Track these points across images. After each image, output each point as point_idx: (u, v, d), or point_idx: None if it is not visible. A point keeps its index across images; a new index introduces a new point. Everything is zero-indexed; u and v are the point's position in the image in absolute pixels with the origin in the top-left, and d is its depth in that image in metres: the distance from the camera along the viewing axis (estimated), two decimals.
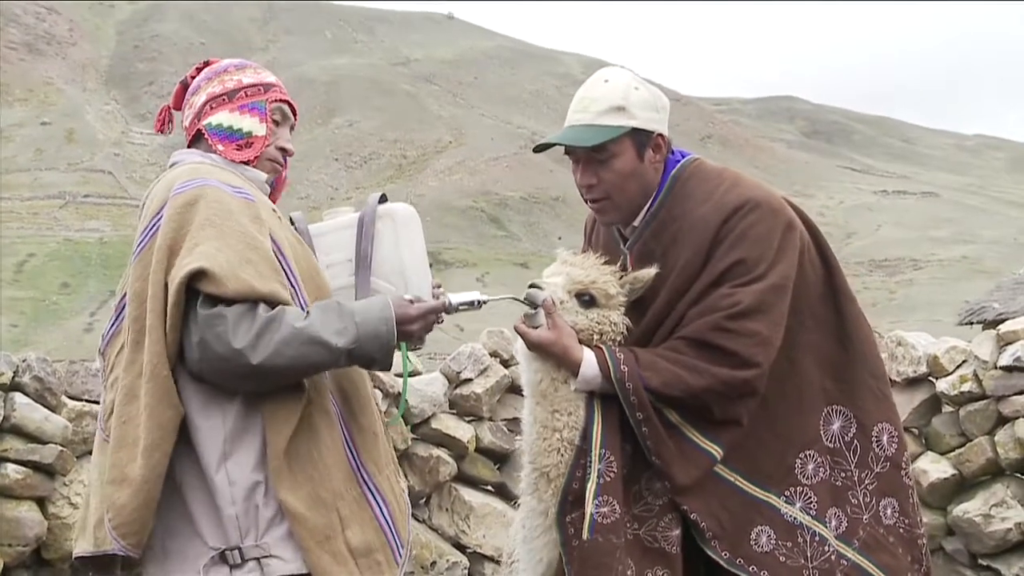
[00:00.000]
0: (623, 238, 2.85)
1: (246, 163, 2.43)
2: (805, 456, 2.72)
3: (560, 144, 2.78)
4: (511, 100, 66.06)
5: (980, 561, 5.44)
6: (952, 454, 5.58)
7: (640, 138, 2.72)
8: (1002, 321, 6.08)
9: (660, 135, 2.73)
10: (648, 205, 2.77)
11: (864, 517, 2.73)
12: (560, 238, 45.54)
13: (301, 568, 2.18)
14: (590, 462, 2.63)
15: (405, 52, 73.04)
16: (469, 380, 5.60)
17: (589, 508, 2.59)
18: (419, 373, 5.81)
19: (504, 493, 5.72)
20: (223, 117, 2.48)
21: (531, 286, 2.65)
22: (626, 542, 2.64)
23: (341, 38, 72.84)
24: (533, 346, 2.64)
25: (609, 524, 2.60)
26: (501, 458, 5.74)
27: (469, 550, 5.54)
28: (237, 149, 2.44)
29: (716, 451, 2.63)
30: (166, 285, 2.15)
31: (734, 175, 2.83)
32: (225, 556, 2.17)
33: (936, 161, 72.21)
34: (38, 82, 66.52)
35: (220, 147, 2.43)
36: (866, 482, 2.75)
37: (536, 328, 2.64)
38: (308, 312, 2.19)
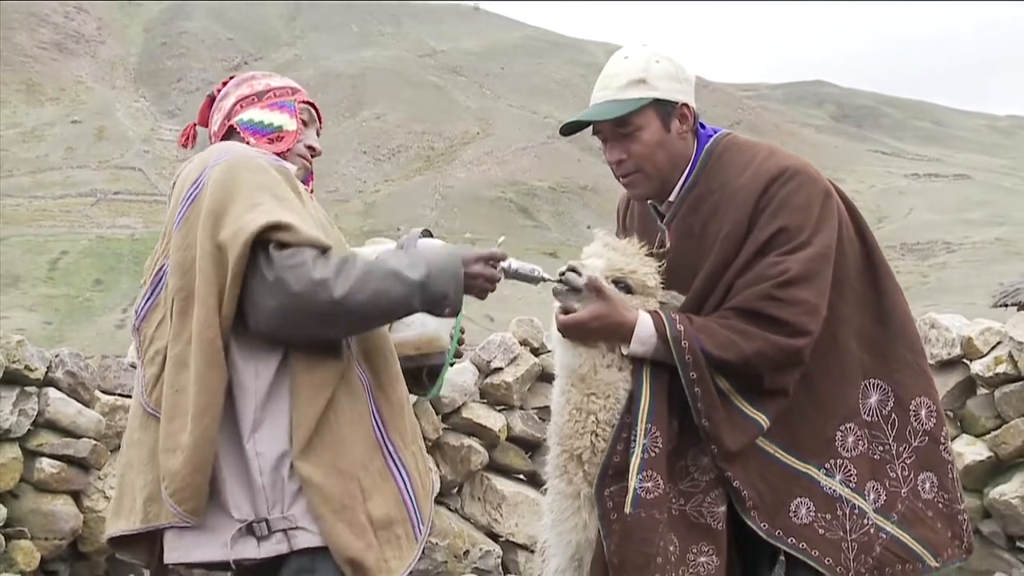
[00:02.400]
0: (659, 215, 2.85)
1: (278, 156, 2.44)
2: (845, 429, 2.70)
3: (584, 120, 2.79)
4: (538, 90, 65.96)
5: (1018, 544, 5.39)
6: (988, 436, 5.53)
7: (664, 109, 2.72)
8: None
9: (685, 105, 2.74)
10: (683, 180, 2.77)
11: (903, 491, 2.72)
12: (589, 227, 45.37)
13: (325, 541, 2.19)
14: (634, 436, 2.61)
15: (431, 44, 73.07)
16: (500, 369, 5.60)
17: (633, 483, 2.58)
18: (461, 356, 5.80)
19: (536, 481, 5.72)
20: (254, 113, 2.51)
21: (569, 269, 2.62)
22: (670, 517, 2.63)
23: (367, 31, 72.96)
24: (582, 325, 2.62)
25: (652, 499, 2.59)
26: (532, 446, 5.75)
27: (502, 539, 5.55)
28: (269, 143, 2.48)
29: (763, 420, 2.63)
30: (218, 247, 2.16)
31: (769, 146, 2.83)
32: (252, 528, 2.18)
33: (968, 143, 71.46)
34: (69, 81, 67.09)
35: (252, 140, 2.47)
36: (904, 456, 2.74)
37: (566, 302, 2.62)
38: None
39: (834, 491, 2.69)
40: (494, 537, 5.54)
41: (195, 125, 2.65)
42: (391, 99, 60.33)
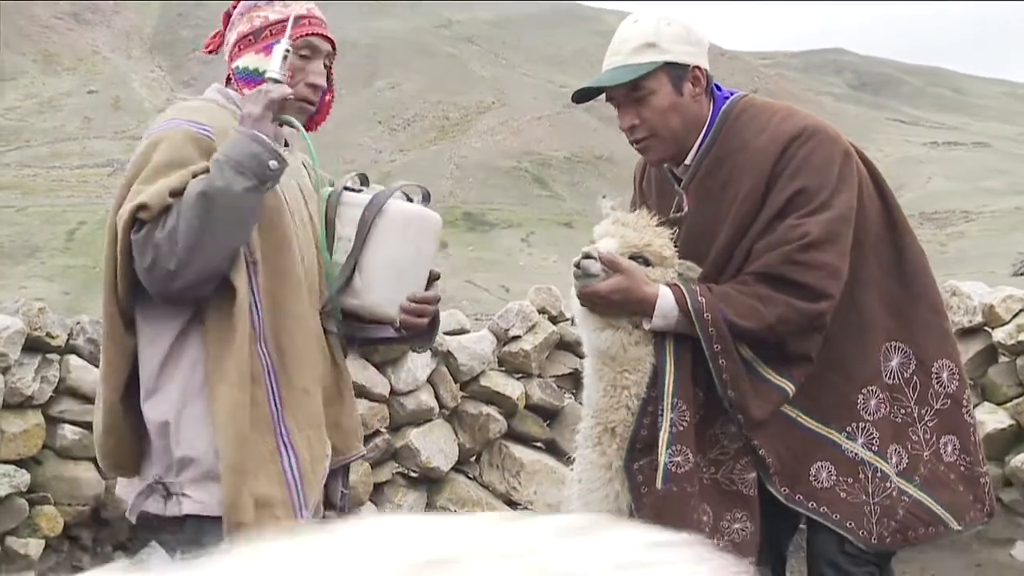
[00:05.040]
0: (676, 179, 2.84)
1: None
2: (867, 392, 2.69)
3: (595, 87, 2.78)
4: (553, 59, 65.59)
5: None
6: (1009, 404, 5.51)
7: (676, 72, 2.71)
8: None
9: (697, 67, 2.72)
10: (699, 142, 2.76)
11: (925, 454, 2.72)
12: (604, 196, 45.21)
13: (210, 510, 2.28)
14: (661, 411, 2.62)
15: (446, 14, 72.65)
16: (517, 337, 5.61)
17: (663, 458, 2.59)
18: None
19: (554, 449, 5.74)
20: (248, 60, 2.52)
21: (584, 256, 2.62)
22: (702, 487, 2.64)
23: (382, 1, 72.58)
24: (603, 298, 2.62)
25: (683, 473, 2.61)
26: (551, 414, 5.76)
27: (520, 506, 5.58)
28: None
29: (788, 387, 2.64)
30: (111, 227, 2.31)
31: (787, 106, 2.82)
32: (153, 487, 2.34)
33: (988, 111, 70.79)
34: (85, 51, 67.03)
35: (246, 91, 2.48)
36: (926, 419, 2.73)
37: (584, 284, 2.63)
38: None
39: (856, 455, 2.69)
40: (512, 505, 5.57)
41: (221, 33, 2.66)
42: (406, 69, 60.10)
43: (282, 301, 2.42)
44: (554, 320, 5.81)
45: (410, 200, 2.65)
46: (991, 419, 5.48)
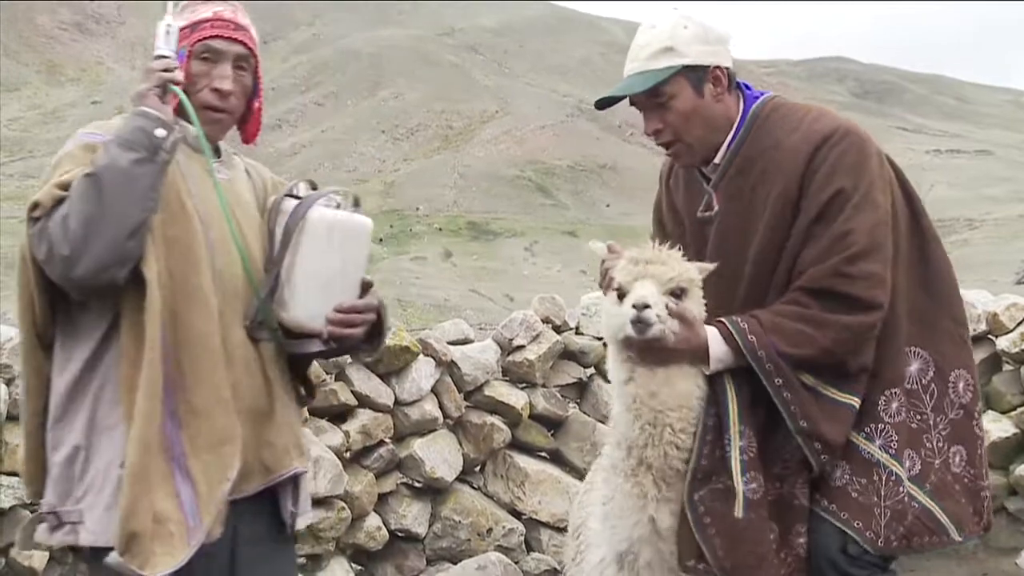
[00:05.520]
0: (705, 177, 2.82)
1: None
2: (889, 394, 2.68)
3: (615, 95, 2.77)
4: (556, 68, 65.64)
5: None
6: (1014, 413, 5.52)
7: (695, 74, 2.71)
8: None
9: (717, 67, 2.71)
10: (728, 141, 2.75)
11: (936, 462, 2.70)
12: (608, 205, 45.32)
13: (107, 541, 2.21)
14: (729, 440, 2.60)
15: (449, 22, 72.77)
16: (522, 347, 5.61)
17: (739, 487, 2.58)
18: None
19: (559, 459, 5.73)
20: None
21: (643, 307, 2.57)
22: (769, 503, 2.63)
23: (385, 10, 72.74)
24: (670, 354, 2.61)
25: (758, 500, 2.60)
26: (555, 424, 5.76)
27: (525, 516, 5.57)
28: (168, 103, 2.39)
29: (855, 402, 2.62)
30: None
31: (818, 107, 2.79)
32: (46, 517, 2.29)
33: (991, 119, 70.73)
34: (89, 61, 67.24)
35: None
36: (940, 427, 2.72)
37: (652, 336, 2.58)
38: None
39: (872, 456, 2.67)
40: (517, 515, 5.56)
41: None
42: (409, 78, 60.17)
43: (186, 318, 2.34)
44: (558, 329, 5.81)
45: (338, 206, 2.55)
46: (996, 428, 5.47)
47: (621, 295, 2.67)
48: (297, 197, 2.56)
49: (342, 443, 5.04)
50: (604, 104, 2.84)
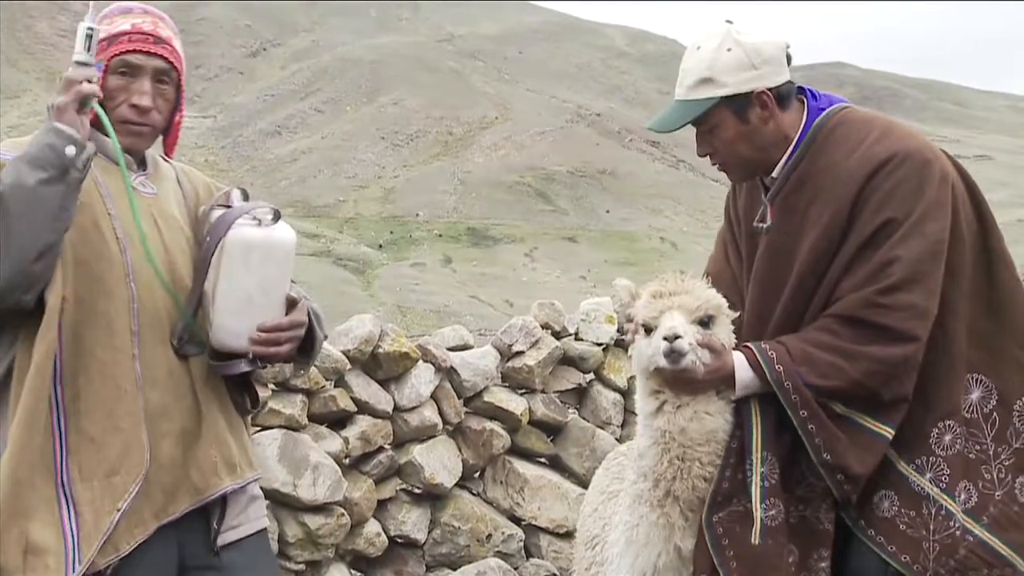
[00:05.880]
0: (765, 188, 2.79)
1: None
2: (943, 427, 2.61)
3: (655, 130, 2.76)
4: (556, 74, 65.69)
5: None
6: None
7: (737, 103, 2.66)
8: None
9: (763, 92, 2.66)
10: (787, 156, 2.70)
11: (997, 493, 2.62)
12: (608, 211, 45.30)
13: None
14: (750, 465, 2.60)
15: (449, 29, 72.85)
16: (521, 353, 5.62)
17: (758, 513, 2.58)
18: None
19: (558, 465, 5.73)
20: None
21: (672, 340, 2.60)
22: (790, 526, 2.61)
23: (385, 16, 72.82)
24: (702, 381, 2.63)
25: (776, 526, 2.59)
26: (554, 430, 5.76)
27: (524, 522, 5.57)
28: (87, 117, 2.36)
29: (888, 432, 2.57)
30: None
31: (885, 124, 2.69)
32: None
33: (990, 123, 70.77)
34: None
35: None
36: (1002, 457, 2.64)
37: (684, 366, 2.61)
38: None
39: (922, 488, 2.62)
40: (516, 521, 5.56)
41: None
42: (409, 84, 60.20)
43: (88, 344, 2.30)
44: (557, 335, 5.81)
45: (260, 223, 2.49)
46: None
47: (649, 330, 2.70)
48: (226, 206, 2.52)
49: (341, 449, 5.04)
50: (656, 129, 2.81)
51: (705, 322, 2.70)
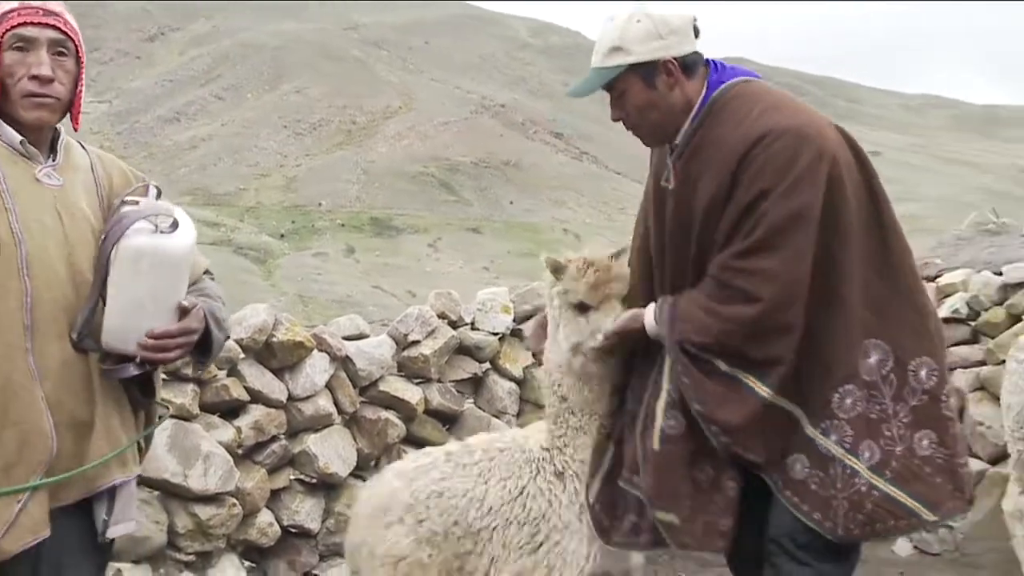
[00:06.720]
0: (671, 149, 2.97)
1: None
2: (843, 391, 2.77)
3: (573, 96, 3.02)
4: (460, 65, 65.60)
5: None
6: None
7: (644, 70, 2.84)
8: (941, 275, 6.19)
9: (669, 61, 2.83)
10: (690, 121, 2.87)
11: (898, 449, 2.78)
12: (511, 202, 45.45)
13: None
14: (662, 382, 2.90)
15: (354, 17, 72.17)
16: (417, 342, 5.62)
17: (659, 422, 2.86)
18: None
19: None
20: None
21: (609, 337, 3.11)
22: (708, 448, 2.83)
23: (288, 3, 71.82)
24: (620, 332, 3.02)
25: (676, 436, 2.84)
26: (450, 419, 5.78)
27: None
28: None
29: (763, 390, 2.74)
30: None
31: (774, 100, 2.86)
32: None
33: (882, 121, 72.84)
34: None
35: None
36: (901, 415, 2.79)
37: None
38: None
39: (828, 451, 2.78)
40: None
41: None
42: (312, 72, 59.52)
43: None
44: (453, 325, 5.83)
45: (156, 228, 2.48)
46: None
47: (585, 309, 3.12)
48: (133, 203, 2.51)
49: (233, 439, 4.99)
50: (577, 94, 3.02)
51: (581, 309, 3.10)
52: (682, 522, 2.90)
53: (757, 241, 2.72)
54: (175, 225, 2.48)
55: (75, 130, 2.58)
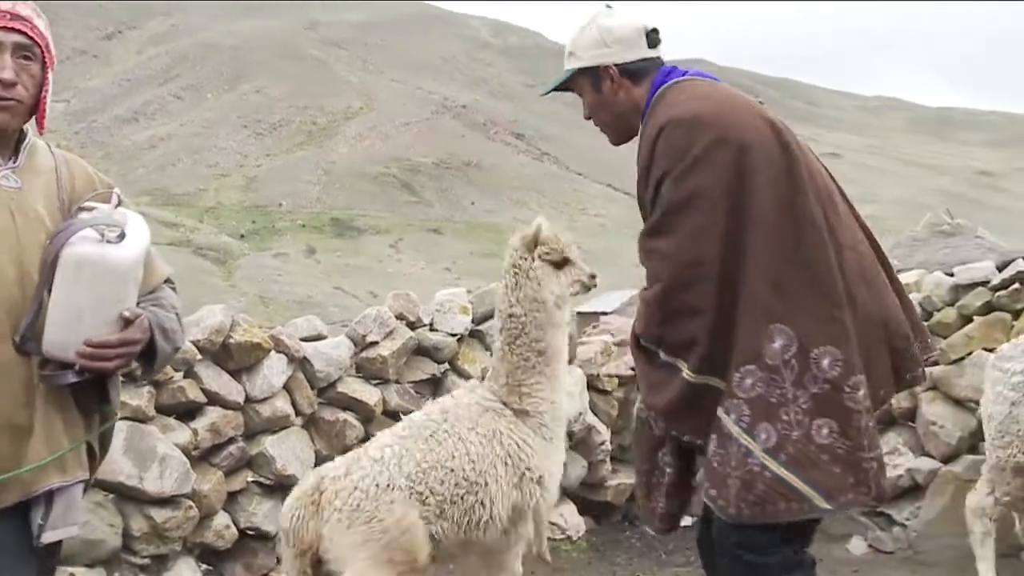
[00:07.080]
0: None
1: None
2: (744, 371, 2.83)
3: (544, 94, 3.32)
4: (421, 65, 65.52)
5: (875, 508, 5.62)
6: None
7: (592, 74, 3.06)
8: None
9: (609, 67, 3.03)
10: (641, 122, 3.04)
11: (794, 434, 2.81)
12: (473, 203, 45.48)
13: None
14: None
15: (313, 16, 71.89)
16: (375, 343, 5.60)
17: (635, 407, 3.17)
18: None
19: None
20: None
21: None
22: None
23: (247, 1, 71.36)
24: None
25: (644, 418, 3.10)
26: None
27: None
28: None
29: (687, 373, 2.87)
30: None
31: (700, 93, 3.02)
32: None
33: (840, 123, 73.59)
34: None
35: None
36: (800, 401, 2.82)
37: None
38: None
39: (728, 430, 2.85)
40: None
41: None
42: (272, 72, 59.25)
43: None
44: (412, 326, 5.82)
45: (103, 236, 2.44)
46: None
47: (560, 266, 3.73)
48: (89, 209, 2.48)
49: (190, 441, 4.95)
50: (544, 94, 3.30)
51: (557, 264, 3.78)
52: (641, 501, 3.16)
53: (656, 223, 2.88)
54: (122, 236, 2.45)
55: (40, 133, 2.56)
